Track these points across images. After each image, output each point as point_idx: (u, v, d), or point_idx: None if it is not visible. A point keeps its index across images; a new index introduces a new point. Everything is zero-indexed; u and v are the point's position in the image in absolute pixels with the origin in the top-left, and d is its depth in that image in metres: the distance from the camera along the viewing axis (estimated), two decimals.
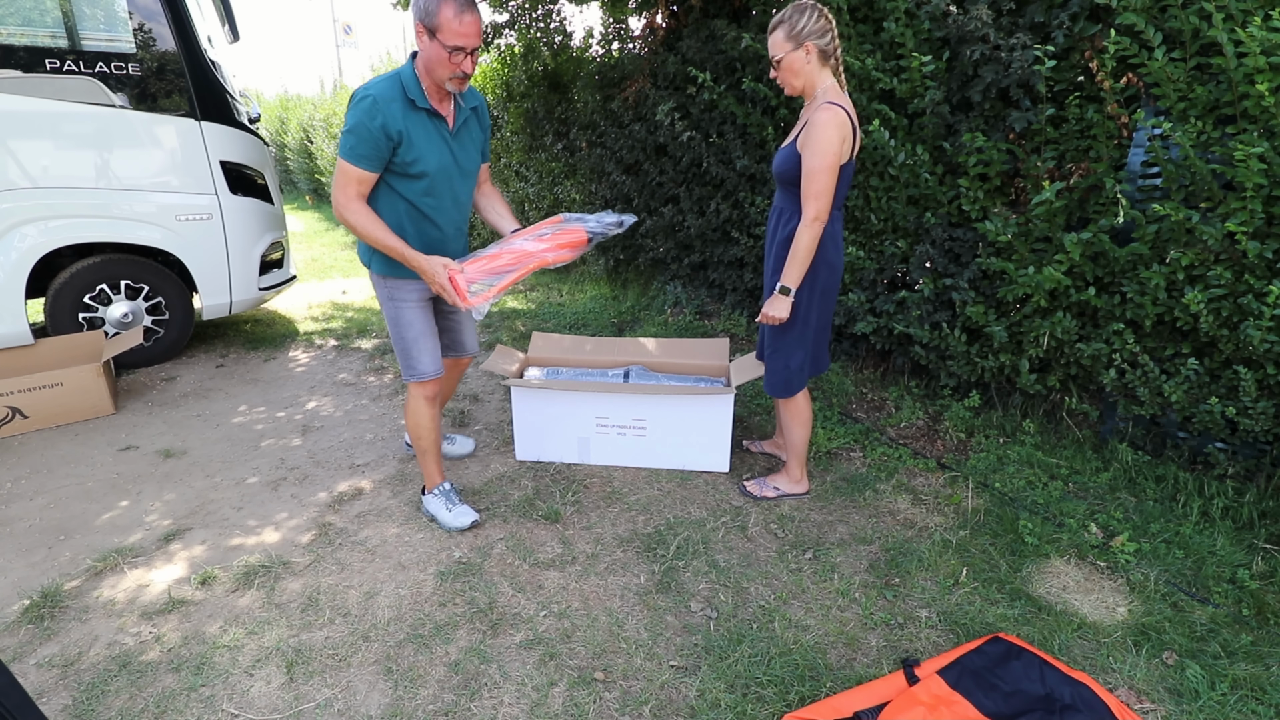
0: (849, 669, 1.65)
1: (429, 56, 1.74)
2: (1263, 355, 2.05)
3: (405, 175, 1.86)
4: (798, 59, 1.92)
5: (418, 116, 1.81)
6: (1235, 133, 1.98)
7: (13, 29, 3.37)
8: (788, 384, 2.23)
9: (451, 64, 1.72)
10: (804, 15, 1.89)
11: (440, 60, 1.72)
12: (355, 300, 5.66)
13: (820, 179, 1.88)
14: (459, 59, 1.72)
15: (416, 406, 2.15)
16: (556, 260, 1.95)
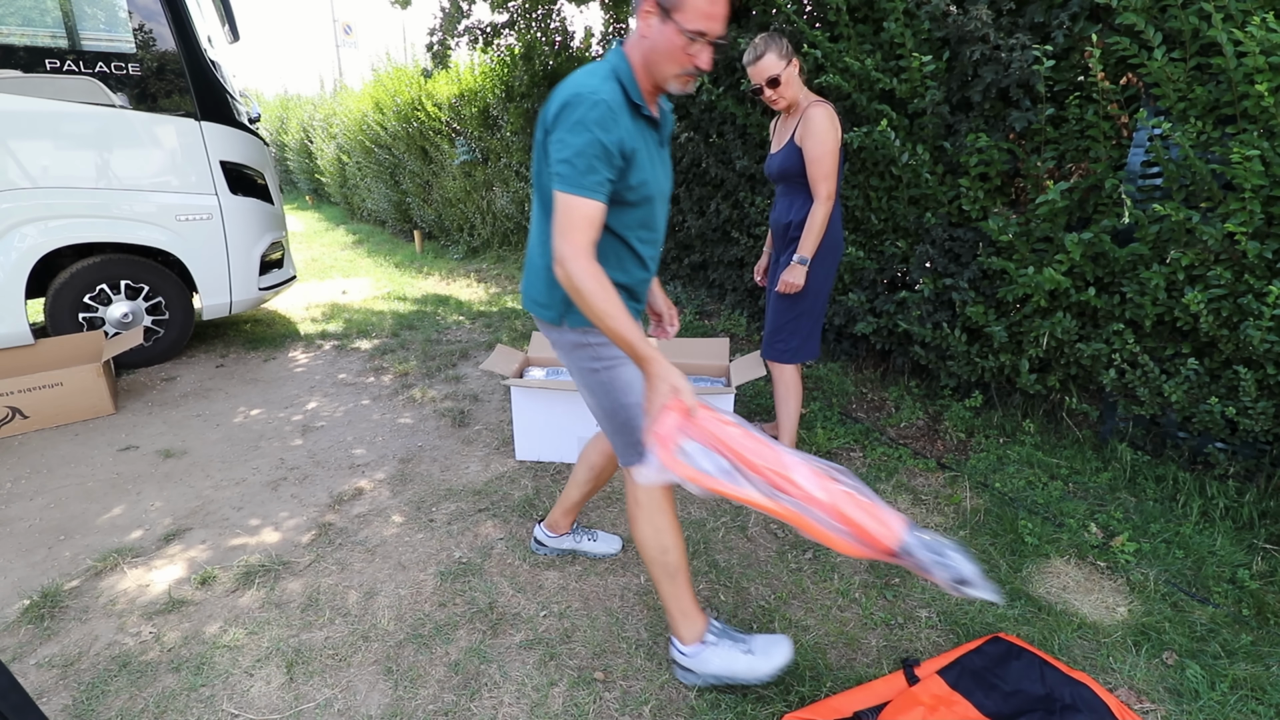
0: (849, 669, 1.65)
1: (657, 44, 1.31)
2: (1263, 355, 2.05)
3: (624, 204, 1.40)
4: (791, 73, 2.17)
5: (639, 125, 1.38)
6: (1235, 133, 1.98)
7: (13, 29, 3.37)
8: (795, 351, 2.43)
9: (687, 56, 1.31)
10: (780, 38, 2.15)
11: (673, 50, 1.31)
12: (355, 300, 5.66)
13: (827, 161, 2.16)
14: (697, 50, 1.31)
15: (656, 500, 1.50)
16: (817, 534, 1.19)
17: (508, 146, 6.23)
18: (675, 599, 1.54)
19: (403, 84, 7.66)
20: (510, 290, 5.88)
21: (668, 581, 1.54)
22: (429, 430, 3.04)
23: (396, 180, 8.59)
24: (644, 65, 1.36)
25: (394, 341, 4.40)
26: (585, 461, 1.91)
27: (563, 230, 1.29)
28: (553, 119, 1.30)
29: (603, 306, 1.28)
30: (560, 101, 1.29)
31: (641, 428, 1.45)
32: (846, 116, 3.01)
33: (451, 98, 6.93)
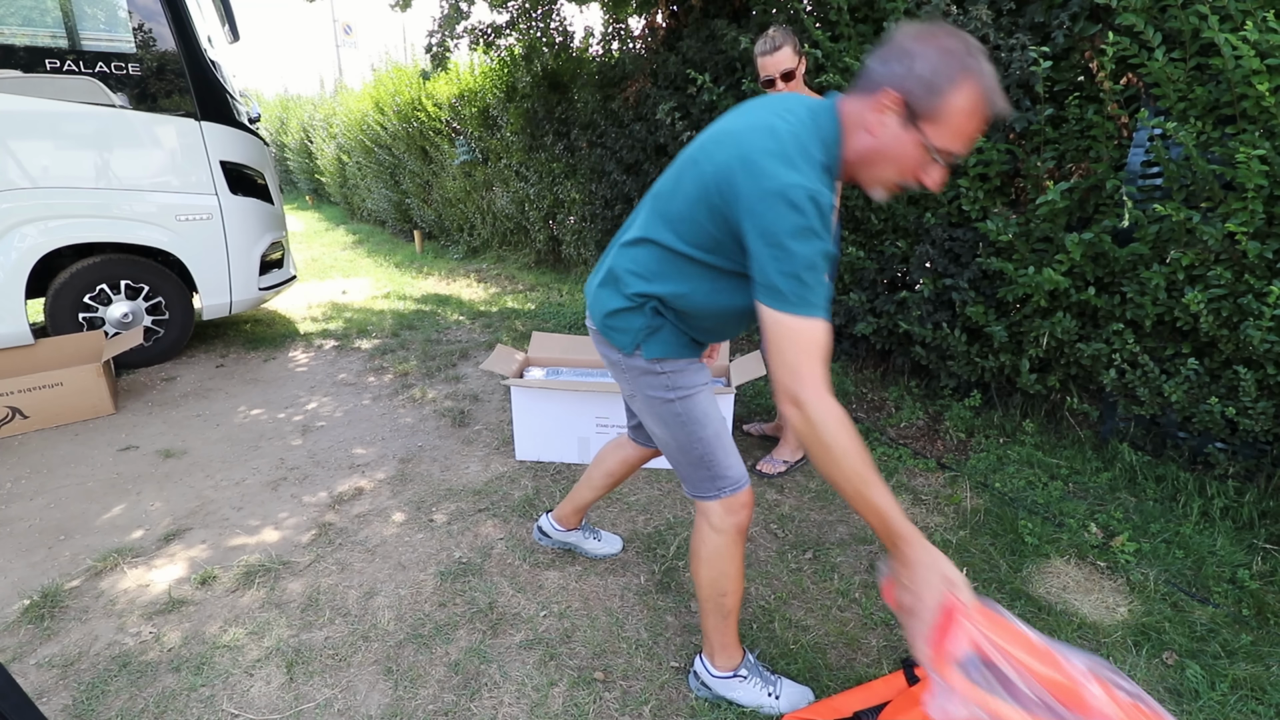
0: (849, 669, 1.65)
1: (886, 148, 1.07)
2: (1263, 355, 2.05)
3: None
4: (801, 69, 2.24)
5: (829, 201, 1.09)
6: (1235, 133, 1.98)
7: (13, 29, 3.37)
8: None
9: (917, 171, 1.08)
10: (793, 33, 2.21)
11: (904, 160, 1.07)
12: (355, 300, 5.66)
13: None
14: (932, 169, 1.07)
15: (726, 542, 1.39)
16: None
17: (508, 146, 6.23)
18: (720, 633, 1.49)
19: (403, 84, 7.66)
20: (510, 290, 5.88)
21: (718, 619, 1.47)
22: (429, 430, 3.04)
23: (396, 180, 8.59)
24: (858, 158, 1.11)
25: (394, 341, 4.40)
26: (603, 467, 1.83)
27: (797, 364, 1.03)
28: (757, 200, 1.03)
29: (855, 467, 1.02)
30: (776, 188, 1.01)
31: (722, 461, 1.34)
32: None
33: (451, 98, 6.94)
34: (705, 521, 1.40)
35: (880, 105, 1.05)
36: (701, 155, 1.15)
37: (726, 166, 1.09)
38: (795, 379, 1.03)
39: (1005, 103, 1.03)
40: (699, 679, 1.56)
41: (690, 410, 1.34)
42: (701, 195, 1.14)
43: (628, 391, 1.40)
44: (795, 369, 1.03)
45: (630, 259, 1.29)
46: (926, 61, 1.00)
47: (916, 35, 1.02)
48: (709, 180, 1.12)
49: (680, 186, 1.19)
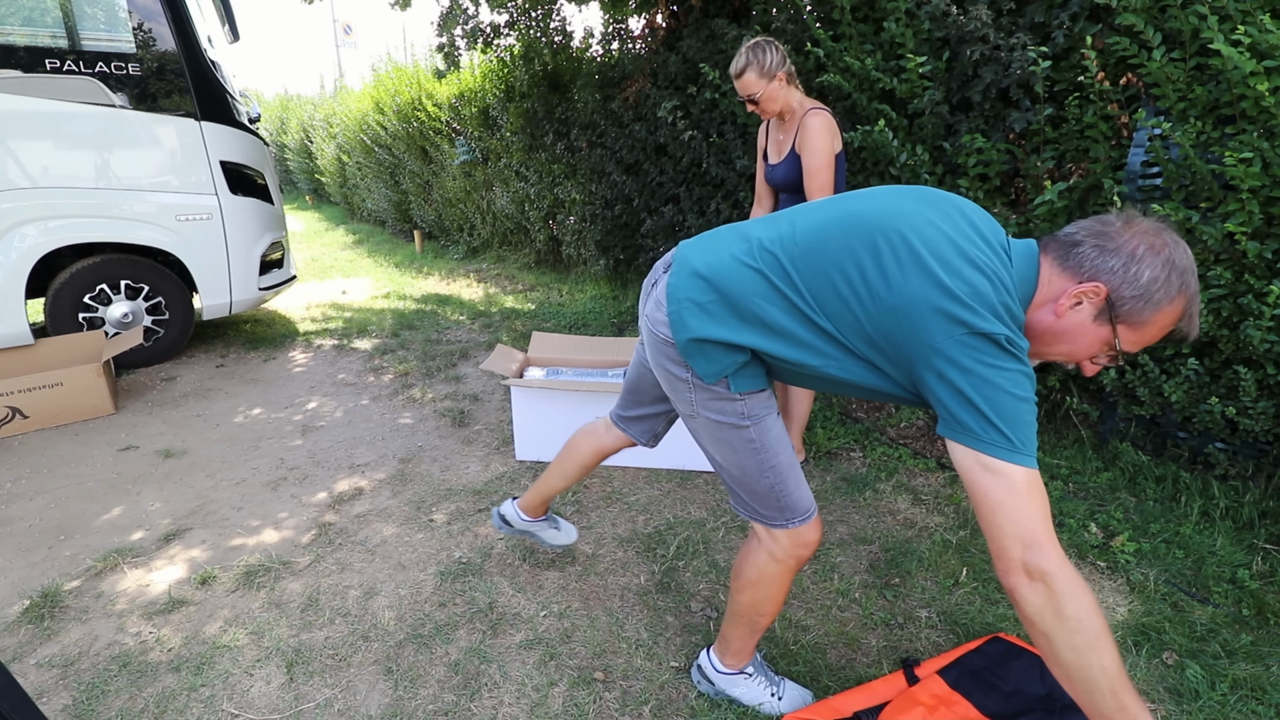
0: (849, 669, 1.65)
1: (1070, 333, 1.03)
2: (1263, 355, 2.05)
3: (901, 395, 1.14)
4: (774, 89, 2.16)
5: None
6: (1235, 133, 1.98)
7: (13, 29, 3.37)
8: None
9: (1086, 360, 1.06)
10: (766, 53, 2.13)
11: (1081, 348, 1.04)
12: (355, 300, 5.67)
13: (822, 174, 2.15)
14: (1100, 362, 1.06)
15: (781, 571, 1.33)
16: None
17: (508, 146, 6.23)
18: (742, 641, 1.46)
19: (403, 84, 7.66)
20: (510, 290, 5.88)
21: (746, 631, 1.43)
22: (429, 430, 3.04)
23: (396, 180, 8.59)
24: (1034, 330, 1.05)
25: (394, 341, 4.40)
26: (577, 457, 1.75)
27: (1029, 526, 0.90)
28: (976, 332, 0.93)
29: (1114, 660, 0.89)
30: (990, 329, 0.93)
31: (794, 491, 1.27)
32: (846, 116, 3.01)
33: (451, 98, 6.94)
34: (765, 549, 1.31)
35: (1077, 294, 0.99)
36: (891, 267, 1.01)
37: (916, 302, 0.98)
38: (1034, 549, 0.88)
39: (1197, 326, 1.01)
40: (703, 673, 1.55)
41: (764, 437, 1.25)
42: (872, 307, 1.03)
43: (686, 410, 1.29)
44: (1034, 534, 0.89)
45: (761, 304, 1.13)
46: (1150, 270, 0.96)
47: (1146, 236, 0.98)
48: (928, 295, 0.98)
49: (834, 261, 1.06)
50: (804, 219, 1.15)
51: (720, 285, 1.15)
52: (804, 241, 1.11)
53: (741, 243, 1.18)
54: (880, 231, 1.04)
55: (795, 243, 1.12)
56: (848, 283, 1.05)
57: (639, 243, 4.94)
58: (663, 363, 1.27)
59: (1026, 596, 0.90)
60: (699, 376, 1.21)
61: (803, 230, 1.13)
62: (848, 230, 1.08)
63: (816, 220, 1.13)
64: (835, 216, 1.11)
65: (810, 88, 3.10)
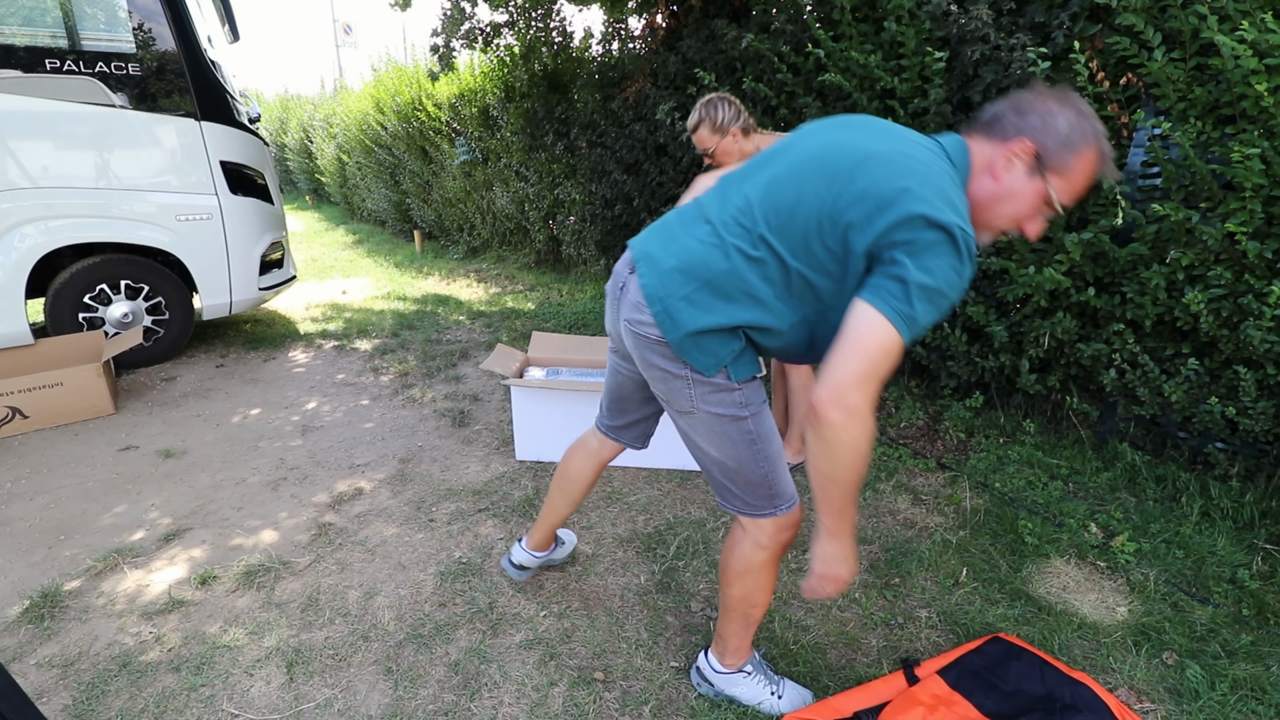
0: (849, 669, 1.65)
1: (1012, 193, 1.12)
2: (1263, 355, 2.05)
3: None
4: (728, 143, 2.21)
5: None
6: (1235, 133, 1.98)
7: (13, 29, 3.37)
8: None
9: (1028, 221, 1.15)
10: (718, 109, 2.17)
11: (1023, 209, 1.13)
12: (355, 300, 5.67)
13: None
14: (1040, 219, 1.15)
15: (767, 559, 1.36)
16: None
17: (508, 146, 6.24)
18: (738, 637, 1.47)
19: (403, 84, 7.66)
20: (510, 290, 5.88)
21: (741, 626, 1.45)
22: (429, 430, 3.04)
23: (396, 180, 8.59)
24: (977, 202, 1.13)
25: (394, 341, 4.40)
26: (578, 479, 1.71)
27: (865, 372, 1.01)
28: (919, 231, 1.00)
29: (857, 467, 1.07)
30: (946, 220, 1.00)
31: (782, 479, 1.31)
32: None
33: (451, 98, 6.94)
34: (750, 538, 1.34)
35: (1011, 154, 1.09)
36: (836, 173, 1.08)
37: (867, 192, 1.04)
38: (857, 383, 1.01)
39: (1114, 170, 1.12)
40: (701, 675, 1.55)
41: (760, 427, 1.28)
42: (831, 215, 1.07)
43: (684, 407, 1.28)
44: (865, 374, 1.01)
45: (748, 276, 1.14)
46: (1065, 119, 1.07)
47: (1054, 95, 1.10)
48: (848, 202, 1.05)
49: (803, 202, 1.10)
50: (754, 184, 1.18)
51: (699, 273, 1.17)
52: (771, 202, 1.13)
53: (703, 226, 1.20)
54: (834, 161, 1.10)
55: (764, 206, 1.14)
56: (817, 219, 1.09)
57: None
58: (655, 362, 1.26)
59: (832, 416, 1.02)
60: (699, 371, 1.22)
61: (762, 193, 1.15)
62: (805, 173, 1.12)
63: (768, 178, 1.16)
64: (786, 169, 1.15)
65: (810, 87, 3.10)
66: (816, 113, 3.04)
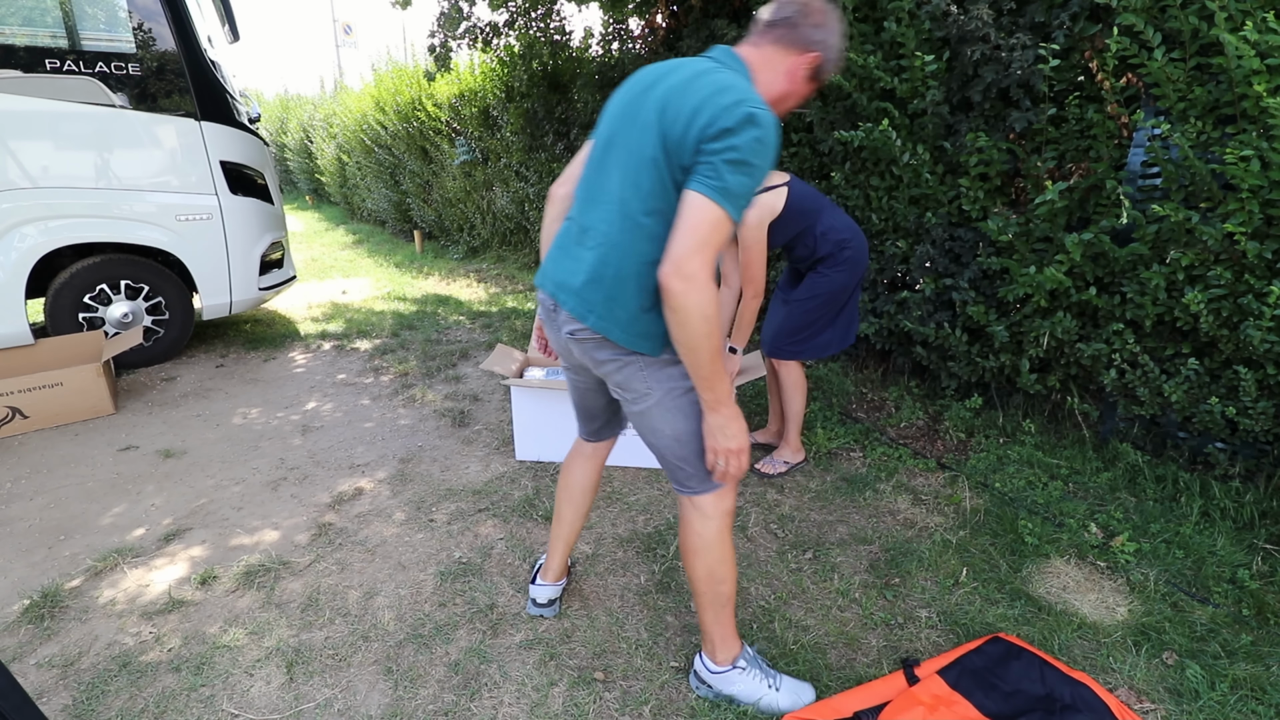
0: (849, 669, 1.65)
1: (798, 90, 1.35)
2: (1263, 355, 2.05)
3: None
4: None
5: None
6: (1235, 133, 1.98)
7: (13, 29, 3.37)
8: (800, 350, 2.47)
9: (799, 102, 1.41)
10: None
11: (798, 101, 1.39)
12: (355, 300, 5.67)
13: (754, 265, 2.24)
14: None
15: (719, 528, 1.42)
16: None
17: (508, 146, 6.23)
18: (719, 624, 1.50)
19: (403, 84, 7.66)
20: (510, 290, 5.88)
21: (716, 610, 1.49)
22: (429, 430, 3.04)
23: (396, 180, 8.59)
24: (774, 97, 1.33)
25: (394, 341, 4.40)
26: (586, 495, 1.75)
27: (700, 243, 1.15)
28: (735, 123, 1.14)
29: (717, 342, 1.19)
30: (744, 114, 1.14)
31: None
32: (846, 116, 3.01)
33: (451, 98, 6.94)
34: (697, 513, 1.42)
35: (807, 62, 1.32)
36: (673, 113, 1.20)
37: (695, 110, 1.17)
38: (696, 256, 1.14)
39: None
40: (699, 678, 1.56)
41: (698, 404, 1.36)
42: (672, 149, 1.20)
43: (642, 389, 1.36)
44: (701, 249, 1.15)
45: (643, 249, 1.25)
46: (837, 38, 1.34)
47: (825, 10, 1.32)
48: (681, 129, 1.18)
49: (640, 169, 1.23)
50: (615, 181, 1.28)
51: (606, 274, 1.28)
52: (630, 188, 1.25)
53: (589, 236, 1.31)
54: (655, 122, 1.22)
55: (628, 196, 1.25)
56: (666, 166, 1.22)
57: None
58: (607, 357, 1.35)
59: (674, 286, 1.15)
60: (649, 354, 1.33)
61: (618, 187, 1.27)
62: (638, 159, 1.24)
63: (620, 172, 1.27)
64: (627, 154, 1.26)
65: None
66: (816, 112, 3.05)
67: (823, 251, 2.33)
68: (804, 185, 2.32)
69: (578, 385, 1.59)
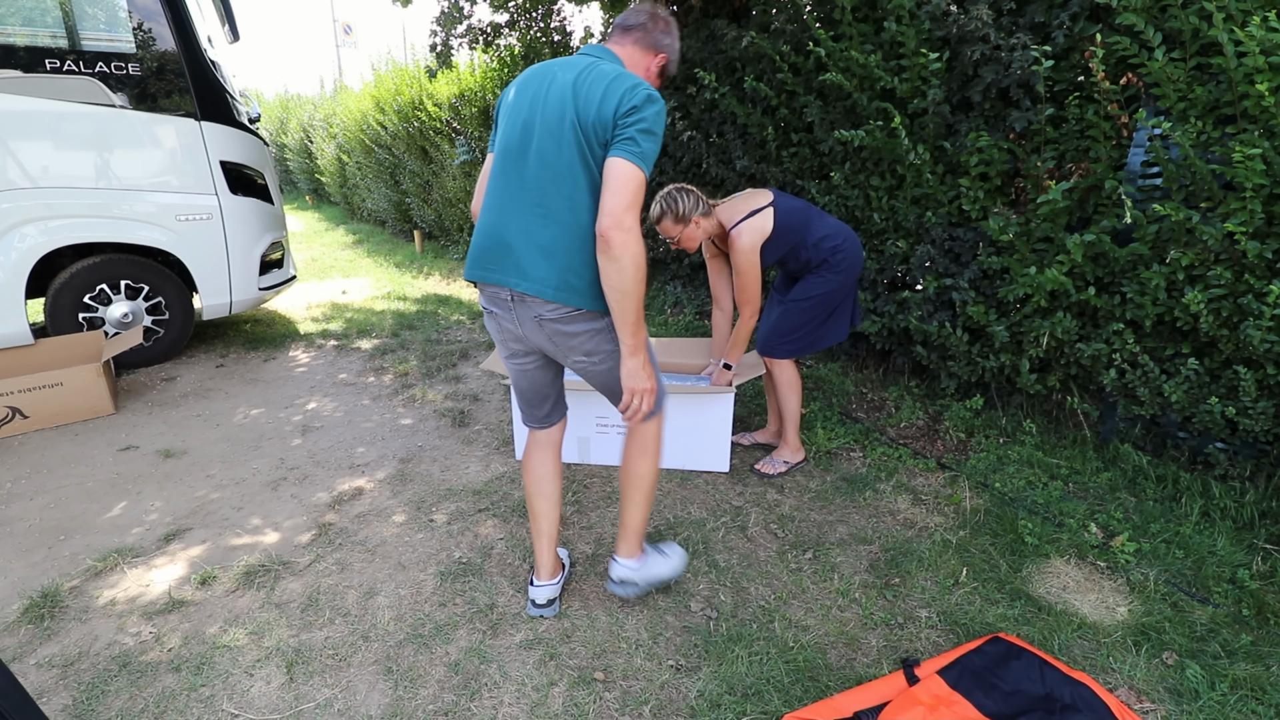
0: (849, 669, 1.65)
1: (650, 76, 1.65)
2: (1263, 355, 2.05)
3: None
4: (691, 231, 2.26)
5: None
6: (1235, 133, 1.98)
7: (13, 29, 3.37)
8: (795, 349, 2.48)
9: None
10: (678, 201, 2.22)
11: (655, 86, 1.69)
12: (355, 300, 5.67)
13: (751, 289, 2.32)
14: None
15: (658, 447, 1.74)
16: None
17: None
18: (643, 522, 1.76)
19: (403, 84, 7.66)
20: None
21: (646, 509, 1.76)
22: (429, 430, 3.04)
23: (396, 180, 8.59)
24: None
25: (394, 341, 4.40)
26: (547, 471, 1.80)
27: (630, 201, 1.38)
28: (640, 101, 1.40)
29: (641, 273, 1.40)
30: (645, 94, 1.41)
31: (662, 383, 1.64)
32: (846, 116, 3.01)
33: (452, 98, 6.93)
34: (644, 431, 1.69)
35: (659, 61, 1.63)
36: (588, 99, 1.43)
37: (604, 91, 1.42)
38: (628, 212, 1.37)
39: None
40: (626, 581, 1.78)
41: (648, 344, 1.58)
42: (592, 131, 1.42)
43: (609, 349, 1.57)
44: (631, 205, 1.38)
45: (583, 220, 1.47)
46: (678, 44, 1.67)
47: (672, 21, 1.64)
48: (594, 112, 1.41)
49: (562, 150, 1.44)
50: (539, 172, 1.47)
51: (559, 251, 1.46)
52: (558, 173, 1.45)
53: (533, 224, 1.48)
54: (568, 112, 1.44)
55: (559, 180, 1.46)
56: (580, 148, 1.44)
57: None
58: (578, 329, 1.53)
59: (616, 237, 1.35)
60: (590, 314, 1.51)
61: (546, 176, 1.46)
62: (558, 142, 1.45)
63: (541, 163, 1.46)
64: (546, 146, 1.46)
65: (811, 87, 3.11)
66: (817, 112, 3.05)
67: (817, 260, 2.36)
68: (788, 199, 2.34)
69: (526, 369, 1.70)
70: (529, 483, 1.81)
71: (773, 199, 2.30)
